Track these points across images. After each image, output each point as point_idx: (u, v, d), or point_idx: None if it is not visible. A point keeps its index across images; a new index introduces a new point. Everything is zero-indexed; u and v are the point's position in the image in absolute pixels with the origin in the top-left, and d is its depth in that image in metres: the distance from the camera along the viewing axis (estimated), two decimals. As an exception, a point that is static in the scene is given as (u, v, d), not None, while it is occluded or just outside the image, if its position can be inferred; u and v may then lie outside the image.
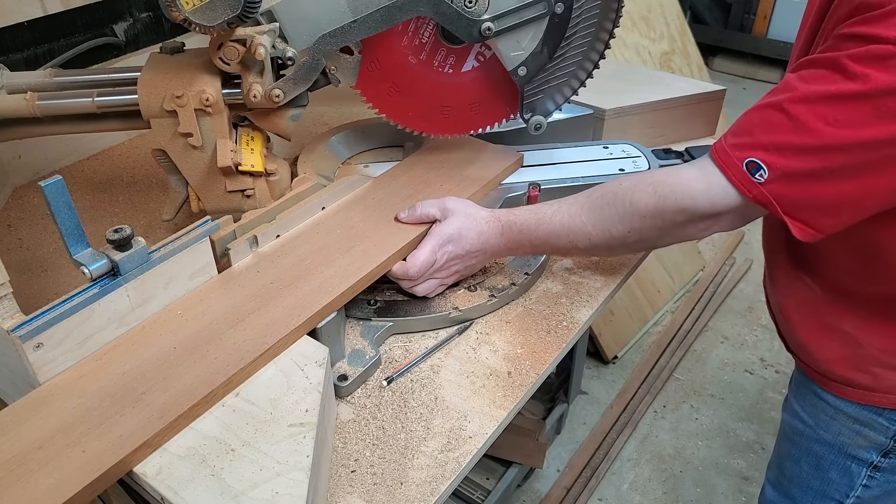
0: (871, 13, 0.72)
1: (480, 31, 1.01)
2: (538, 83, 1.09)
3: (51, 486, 0.66)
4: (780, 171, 0.77)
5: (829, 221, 0.79)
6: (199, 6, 0.90)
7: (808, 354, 1.01)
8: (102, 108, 1.06)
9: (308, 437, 0.74)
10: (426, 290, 1.01)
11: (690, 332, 2.59)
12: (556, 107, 1.13)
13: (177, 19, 0.91)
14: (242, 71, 1.01)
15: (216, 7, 0.90)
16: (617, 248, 0.95)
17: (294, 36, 1.00)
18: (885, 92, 0.70)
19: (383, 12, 0.98)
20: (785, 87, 0.78)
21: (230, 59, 0.99)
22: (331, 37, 0.99)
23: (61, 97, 1.06)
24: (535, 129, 1.13)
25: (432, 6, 0.98)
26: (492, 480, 1.90)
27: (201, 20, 0.91)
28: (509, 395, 0.91)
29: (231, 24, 0.92)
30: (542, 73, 1.07)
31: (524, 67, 1.06)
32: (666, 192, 0.87)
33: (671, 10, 2.91)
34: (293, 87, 1.02)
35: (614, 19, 1.04)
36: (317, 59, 1.01)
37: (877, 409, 0.97)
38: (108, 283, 0.80)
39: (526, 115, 1.12)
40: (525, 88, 1.08)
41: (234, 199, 1.10)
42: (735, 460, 2.15)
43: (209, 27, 0.91)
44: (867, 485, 1.03)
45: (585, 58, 1.08)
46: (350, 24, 0.98)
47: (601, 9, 1.03)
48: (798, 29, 0.94)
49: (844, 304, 0.94)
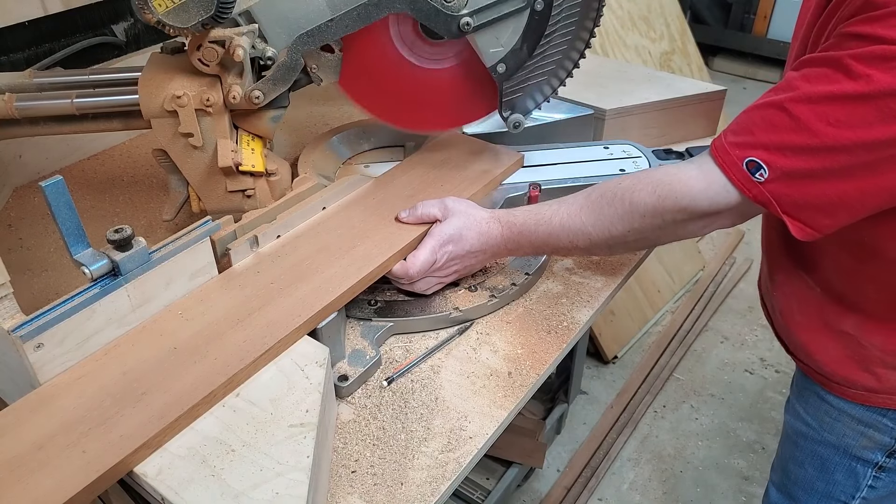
0: (874, 12, 0.71)
1: (459, 26, 1.00)
2: (518, 81, 1.08)
3: (51, 486, 0.66)
4: (781, 171, 0.77)
5: (827, 221, 0.79)
6: (172, 8, 0.88)
7: (809, 356, 1.00)
8: (82, 110, 1.06)
9: (308, 438, 0.74)
10: (424, 287, 1.01)
11: (690, 331, 2.59)
12: (535, 105, 1.13)
13: (150, 21, 0.90)
14: (221, 72, 1.00)
15: (189, 9, 0.89)
16: (617, 248, 0.95)
17: (273, 36, 0.99)
18: (888, 93, 0.70)
19: (360, 10, 0.98)
20: (787, 86, 0.78)
21: (209, 60, 0.98)
22: (308, 36, 0.98)
23: (39, 98, 1.06)
24: (514, 127, 1.12)
25: (409, 3, 0.98)
26: (492, 480, 1.90)
27: (175, 22, 0.90)
28: (510, 396, 0.91)
29: (206, 25, 0.91)
30: (522, 70, 1.07)
31: (503, 64, 1.05)
32: (665, 192, 0.87)
33: (671, 10, 2.91)
34: (273, 87, 1.02)
35: (595, 18, 1.04)
36: (295, 59, 1.00)
37: (881, 410, 0.96)
38: (109, 284, 0.80)
39: (505, 113, 1.11)
40: (504, 86, 1.08)
41: (234, 199, 1.10)
42: (735, 460, 2.15)
43: (183, 29, 0.90)
44: (873, 485, 1.03)
45: (566, 56, 1.07)
46: (327, 23, 0.98)
47: (582, 7, 1.02)
48: (794, 27, 0.93)
49: (845, 305, 0.94)
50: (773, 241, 1.04)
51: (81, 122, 1.09)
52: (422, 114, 1.16)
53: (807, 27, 0.87)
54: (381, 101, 1.14)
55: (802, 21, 0.90)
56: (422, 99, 1.14)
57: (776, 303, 1.06)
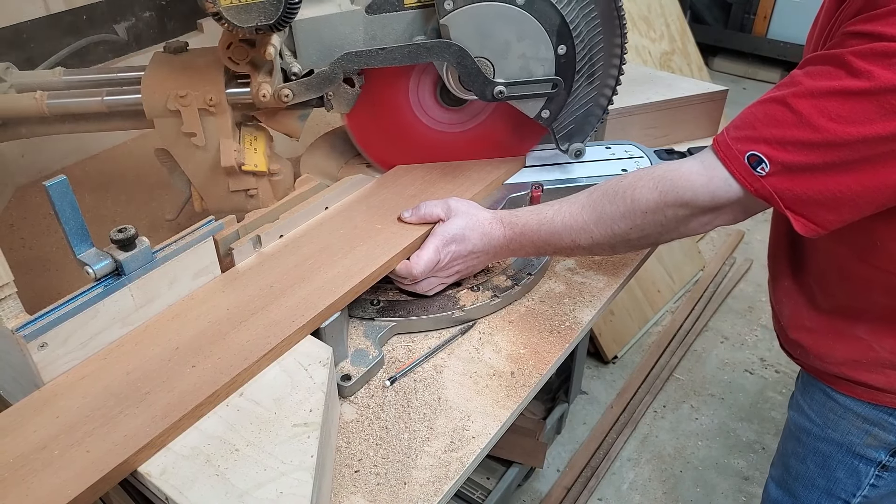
0: (876, 10, 0.72)
1: (493, 92, 1.05)
2: (565, 116, 1.12)
3: (55, 485, 0.66)
4: (782, 165, 0.78)
5: (830, 217, 0.79)
6: (235, 5, 0.89)
7: (818, 358, 1.00)
8: (112, 108, 1.06)
9: (312, 437, 0.74)
10: (426, 288, 1.01)
11: (690, 332, 2.59)
12: (592, 128, 1.16)
13: (209, 10, 0.90)
14: (251, 71, 1.01)
15: (252, 11, 0.90)
16: (620, 246, 0.95)
17: (304, 53, 1.01)
18: (889, 89, 0.70)
19: (411, 48, 1.01)
20: (790, 83, 0.79)
21: (239, 58, 0.99)
22: (356, 56, 1.00)
23: (70, 96, 1.06)
24: (576, 155, 1.17)
25: (456, 56, 1.01)
26: (492, 480, 1.90)
27: (233, 19, 0.90)
28: (512, 395, 0.91)
29: (260, 30, 0.92)
30: (566, 107, 1.11)
31: (546, 110, 1.10)
32: (667, 187, 0.87)
33: (671, 10, 2.91)
34: (304, 91, 1.03)
35: (621, 34, 1.06)
36: (335, 73, 1.02)
37: (888, 409, 0.96)
38: (112, 283, 0.80)
39: (563, 146, 1.16)
40: (553, 126, 1.12)
41: (237, 198, 1.10)
42: (735, 460, 2.15)
43: (238, 27, 0.91)
44: (875, 484, 1.03)
45: (605, 75, 1.10)
46: (378, 51, 1.00)
47: (604, 29, 1.05)
48: (809, 30, 0.94)
49: (856, 311, 0.93)
50: (780, 249, 1.03)
51: (110, 119, 1.09)
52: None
53: (820, 29, 0.88)
54: (380, 144, 1.19)
55: (816, 22, 0.91)
56: (420, 153, 1.19)
57: (783, 308, 1.05)
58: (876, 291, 0.90)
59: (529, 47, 1.03)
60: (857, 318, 0.94)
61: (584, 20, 1.03)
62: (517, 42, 1.03)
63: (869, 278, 0.89)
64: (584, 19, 1.03)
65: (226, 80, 1.03)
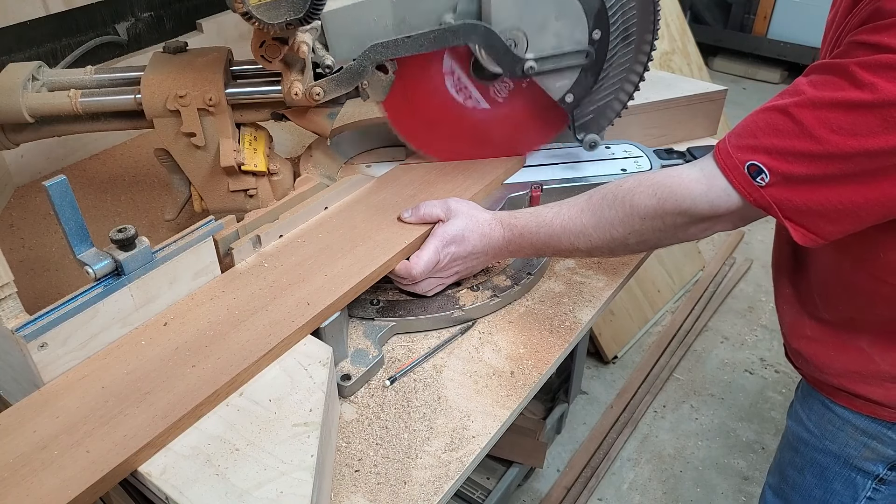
0: (882, 21, 0.71)
1: (524, 68, 1.05)
2: (587, 105, 1.12)
3: (55, 485, 0.66)
4: (782, 176, 0.77)
5: (831, 228, 0.78)
6: (265, 3, 0.89)
7: (818, 368, 0.99)
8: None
9: (312, 437, 0.74)
10: (425, 288, 1.01)
11: (690, 331, 2.59)
12: (608, 122, 1.16)
13: (238, 10, 0.90)
14: (283, 69, 1.01)
15: (280, 6, 0.90)
16: (618, 250, 0.95)
17: (336, 46, 1.01)
18: (893, 102, 0.69)
19: (438, 34, 1.00)
20: (794, 91, 0.78)
21: (272, 56, 0.99)
22: (383, 47, 1.01)
23: (103, 94, 1.06)
24: (590, 146, 1.17)
25: (484, 37, 1.01)
26: (492, 480, 1.90)
27: (263, 16, 0.90)
28: (512, 395, 0.91)
29: (290, 25, 0.92)
30: (590, 95, 1.11)
31: (570, 94, 1.11)
32: (666, 194, 0.86)
33: (671, 10, 2.90)
34: (335, 87, 1.03)
35: (653, 31, 1.07)
36: (364, 66, 1.02)
37: (887, 423, 0.95)
38: (112, 283, 0.80)
39: (580, 136, 1.16)
40: (575, 113, 1.12)
41: (236, 198, 1.10)
42: (735, 460, 2.15)
43: (268, 24, 0.91)
44: (871, 497, 1.01)
45: (630, 70, 1.11)
46: (404, 39, 1.00)
47: (639, 22, 1.06)
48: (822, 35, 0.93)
49: (859, 324, 0.93)
50: (783, 257, 1.03)
51: (141, 118, 1.09)
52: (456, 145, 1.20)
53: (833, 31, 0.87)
54: (418, 128, 1.18)
55: (830, 25, 0.90)
56: (461, 133, 1.18)
57: (784, 316, 1.05)
58: (879, 303, 0.89)
59: (565, 27, 1.04)
60: (858, 330, 0.93)
61: (621, 10, 1.04)
62: (555, 20, 1.03)
63: (872, 290, 0.88)
64: (621, 9, 1.04)
65: (225, 81, 1.04)
